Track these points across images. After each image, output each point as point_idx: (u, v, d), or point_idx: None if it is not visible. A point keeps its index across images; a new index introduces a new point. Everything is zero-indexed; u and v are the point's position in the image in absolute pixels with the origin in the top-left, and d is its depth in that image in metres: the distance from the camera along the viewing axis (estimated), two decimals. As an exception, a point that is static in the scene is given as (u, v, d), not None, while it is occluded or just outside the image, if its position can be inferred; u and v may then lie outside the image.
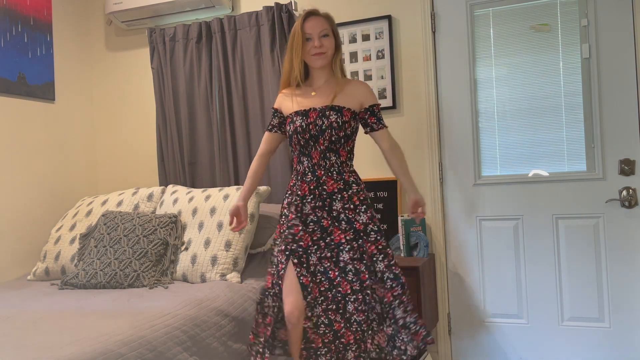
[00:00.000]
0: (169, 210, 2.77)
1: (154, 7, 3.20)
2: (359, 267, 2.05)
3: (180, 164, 3.29)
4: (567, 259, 2.72)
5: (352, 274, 2.05)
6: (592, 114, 2.67)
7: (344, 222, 2.09)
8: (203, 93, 3.24)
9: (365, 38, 3.01)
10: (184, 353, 1.85)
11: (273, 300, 2.11)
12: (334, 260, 2.08)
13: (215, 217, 2.62)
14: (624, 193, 2.61)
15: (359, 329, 2.04)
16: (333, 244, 2.08)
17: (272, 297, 2.11)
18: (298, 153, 2.18)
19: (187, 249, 2.58)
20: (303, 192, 2.12)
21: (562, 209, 2.73)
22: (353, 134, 2.17)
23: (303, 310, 2.02)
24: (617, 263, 2.64)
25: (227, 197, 2.68)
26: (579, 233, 2.70)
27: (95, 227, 2.73)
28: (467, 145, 2.87)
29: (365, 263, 2.06)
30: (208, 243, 2.54)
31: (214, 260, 2.48)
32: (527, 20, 2.77)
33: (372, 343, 2.12)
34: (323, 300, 2.06)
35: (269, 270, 2.17)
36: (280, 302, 2.08)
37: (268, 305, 2.11)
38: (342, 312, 2.06)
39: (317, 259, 2.07)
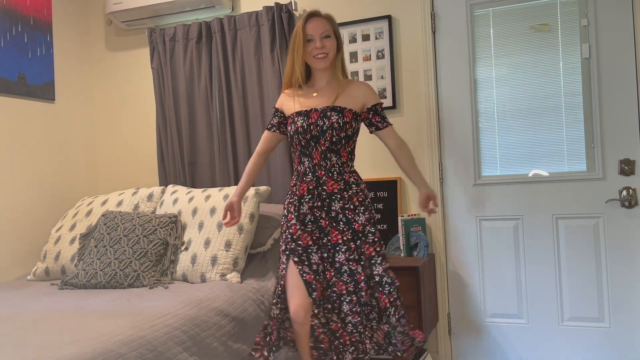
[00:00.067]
0: (169, 210, 2.77)
1: (154, 7, 3.20)
2: (355, 268, 2.05)
3: (180, 164, 3.29)
4: (567, 259, 2.72)
5: (346, 275, 2.05)
6: (592, 114, 2.67)
7: (342, 222, 2.09)
8: (203, 93, 3.23)
9: (365, 38, 3.01)
10: (184, 353, 1.85)
11: (275, 302, 2.12)
12: (330, 261, 2.08)
13: (215, 217, 2.62)
14: (624, 193, 2.61)
15: (355, 331, 2.03)
16: (330, 245, 2.08)
17: (276, 297, 2.12)
18: (299, 154, 2.17)
19: (187, 249, 2.58)
20: (301, 192, 2.12)
21: (562, 209, 2.73)
22: (354, 135, 2.17)
23: (309, 309, 2.00)
24: (617, 263, 2.64)
25: (227, 197, 2.68)
26: (579, 233, 2.70)
27: (95, 227, 2.73)
28: (467, 145, 2.87)
29: (363, 265, 2.06)
30: (208, 243, 2.54)
31: (214, 260, 2.48)
32: (527, 20, 2.77)
33: (370, 342, 2.12)
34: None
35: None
36: (282, 302, 2.08)
37: (273, 307, 2.12)
38: (337, 312, 2.06)
39: (318, 258, 2.07)
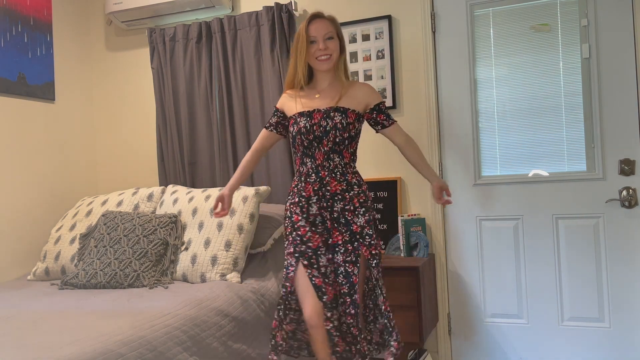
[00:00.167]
0: (169, 210, 2.77)
1: (154, 7, 3.20)
2: (352, 270, 2.04)
3: (180, 164, 3.29)
4: (567, 259, 2.72)
5: (342, 276, 2.05)
6: (592, 114, 2.67)
7: (342, 223, 2.09)
8: (203, 93, 3.23)
9: (365, 38, 3.01)
10: (184, 353, 1.85)
11: (279, 303, 2.10)
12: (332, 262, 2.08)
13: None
14: (624, 193, 2.61)
15: (349, 332, 2.03)
16: (331, 246, 2.08)
17: (281, 299, 2.10)
18: (301, 154, 2.16)
19: (187, 249, 2.58)
20: (308, 193, 2.11)
21: (562, 209, 2.73)
22: (357, 136, 2.17)
23: (321, 312, 1.98)
24: (617, 263, 2.64)
25: (227, 197, 2.68)
26: (579, 233, 2.70)
27: (95, 227, 2.73)
28: (467, 145, 2.87)
29: (359, 267, 2.05)
30: (208, 243, 2.54)
31: (214, 260, 2.48)
32: (527, 20, 2.77)
33: (370, 343, 2.12)
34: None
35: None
36: (287, 303, 2.07)
37: (279, 308, 2.11)
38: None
39: (327, 260, 2.06)
